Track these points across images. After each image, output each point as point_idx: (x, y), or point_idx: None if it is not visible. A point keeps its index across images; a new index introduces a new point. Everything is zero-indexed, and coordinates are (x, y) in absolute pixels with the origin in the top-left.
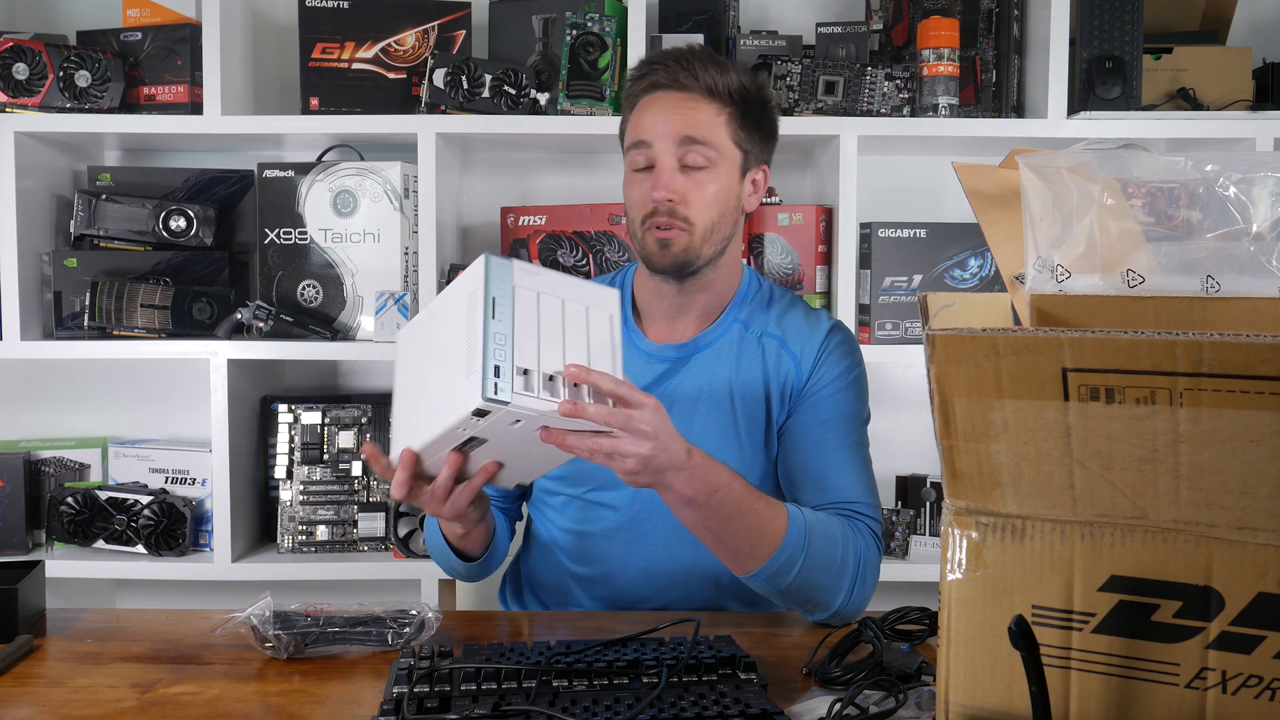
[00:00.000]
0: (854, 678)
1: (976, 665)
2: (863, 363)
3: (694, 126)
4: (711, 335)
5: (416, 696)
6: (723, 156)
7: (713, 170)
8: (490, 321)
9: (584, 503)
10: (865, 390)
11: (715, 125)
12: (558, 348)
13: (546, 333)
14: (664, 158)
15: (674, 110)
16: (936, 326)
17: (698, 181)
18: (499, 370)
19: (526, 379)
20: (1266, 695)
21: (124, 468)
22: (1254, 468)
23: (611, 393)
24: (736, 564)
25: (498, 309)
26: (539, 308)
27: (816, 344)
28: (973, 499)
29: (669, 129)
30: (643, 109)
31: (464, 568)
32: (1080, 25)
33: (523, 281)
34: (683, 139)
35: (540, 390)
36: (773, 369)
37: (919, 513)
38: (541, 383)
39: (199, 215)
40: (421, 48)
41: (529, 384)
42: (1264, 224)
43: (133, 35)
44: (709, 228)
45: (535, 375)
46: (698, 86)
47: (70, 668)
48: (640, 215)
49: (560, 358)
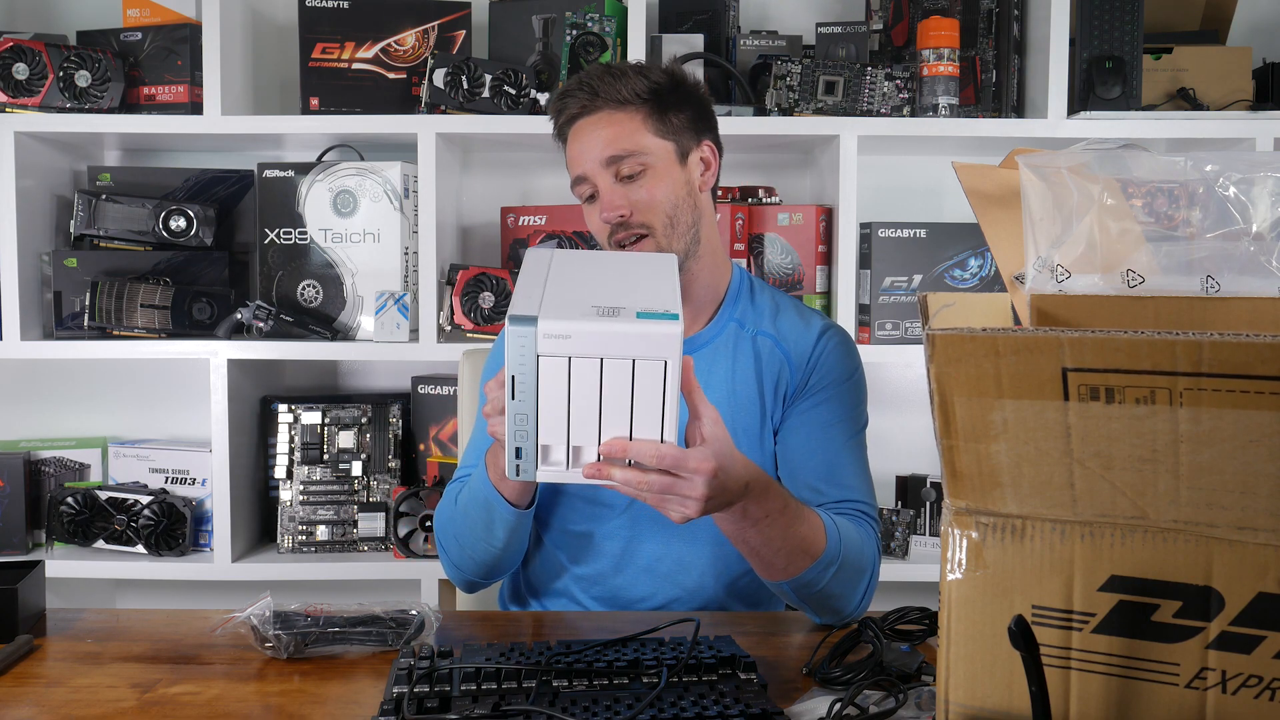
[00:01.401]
0: (854, 678)
1: (976, 665)
2: (860, 365)
3: (614, 142)
4: (709, 334)
5: (416, 696)
6: (653, 155)
7: (649, 171)
8: (510, 402)
9: (584, 502)
10: (864, 392)
11: (633, 131)
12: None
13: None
14: (600, 181)
15: (593, 133)
16: (936, 326)
17: (639, 187)
18: (520, 453)
19: (546, 454)
20: (1266, 695)
21: (124, 468)
22: (1254, 468)
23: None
24: (767, 573)
25: (517, 388)
26: (570, 379)
27: (810, 344)
28: (973, 499)
29: (593, 154)
30: (571, 142)
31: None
32: (1080, 25)
33: (550, 350)
34: (608, 159)
35: (569, 465)
36: (767, 368)
37: (919, 513)
38: (570, 457)
39: (199, 215)
40: (421, 48)
41: (548, 459)
42: (1264, 224)
43: (133, 35)
44: (668, 223)
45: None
46: (604, 102)
47: (70, 668)
48: (605, 239)
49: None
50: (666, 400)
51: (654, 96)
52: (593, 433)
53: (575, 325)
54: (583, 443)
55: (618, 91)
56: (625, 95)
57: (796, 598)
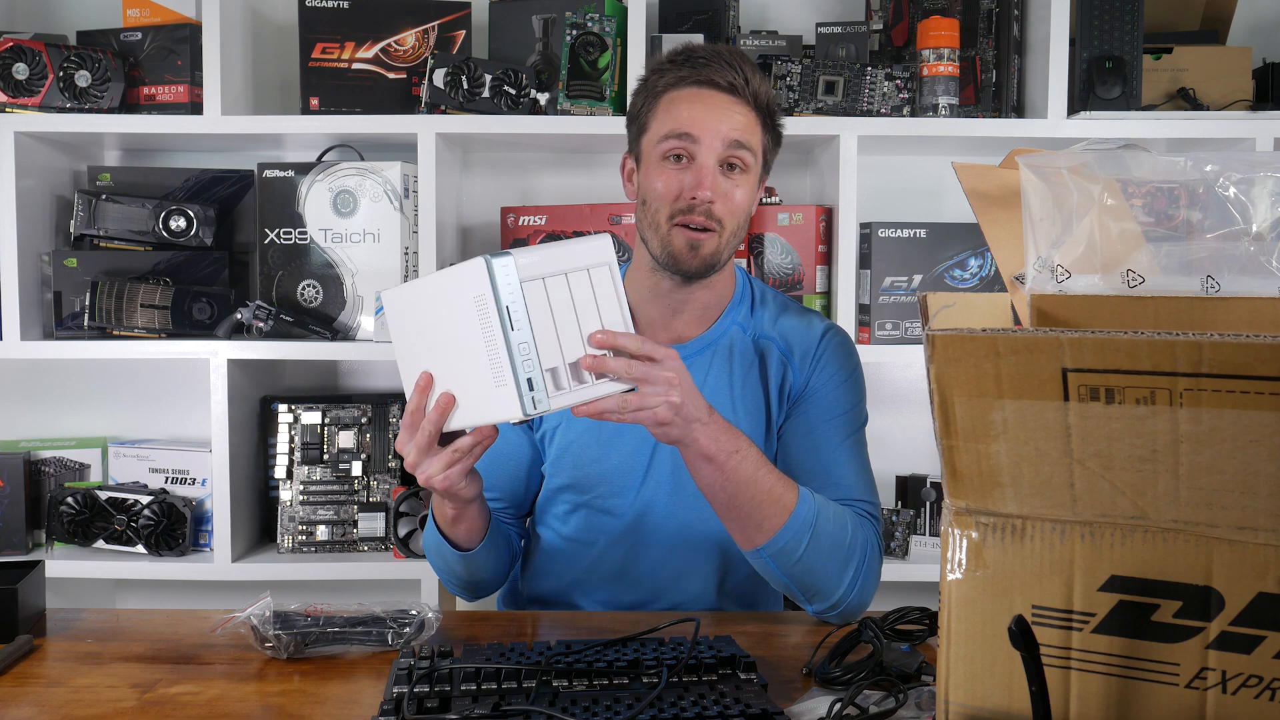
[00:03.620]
0: (854, 678)
1: (976, 665)
2: (860, 365)
3: (745, 131)
4: (711, 336)
5: (416, 696)
6: (755, 165)
7: (747, 176)
8: (511, 334)
9: (590, 510)
10: (863, 391)
11: (756, 133)
12: (575, 331)
13: (562, 320)
14: (707, 154)
15: (724, 110)
16: (936, 326)
17: (735, 184)
18: (532, 383)
19: (555, 378)
20: (1266, 695)
21: (124, 468)
22: (1254, 468)
23: (637, 351)
24: (745, 536)
25: (514, 318)
26: (548, 297)
27: (813, 345)
28: (973, 499)
29: (721, 128)
30: (686, 100)
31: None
32: (1080, 25)
33: (526, 275)
34: (733, 141)
35: (570, 383)
36: (772, 371)
37: (919, 513)
38: (569, 375)
39: (199, 215)
40: (421, 48)
41: (558, 381)
42: (1264, 224)
43: (133, 35)
44: (735, 232)
45: (562, 370)
46: (742, 92)
47: (70, 668)
48: (670, 209)
49: (580, 339)
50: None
51: (770, 111)
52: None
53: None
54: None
55: (760, 89)
56: (762, 98)
57: (783, 576)
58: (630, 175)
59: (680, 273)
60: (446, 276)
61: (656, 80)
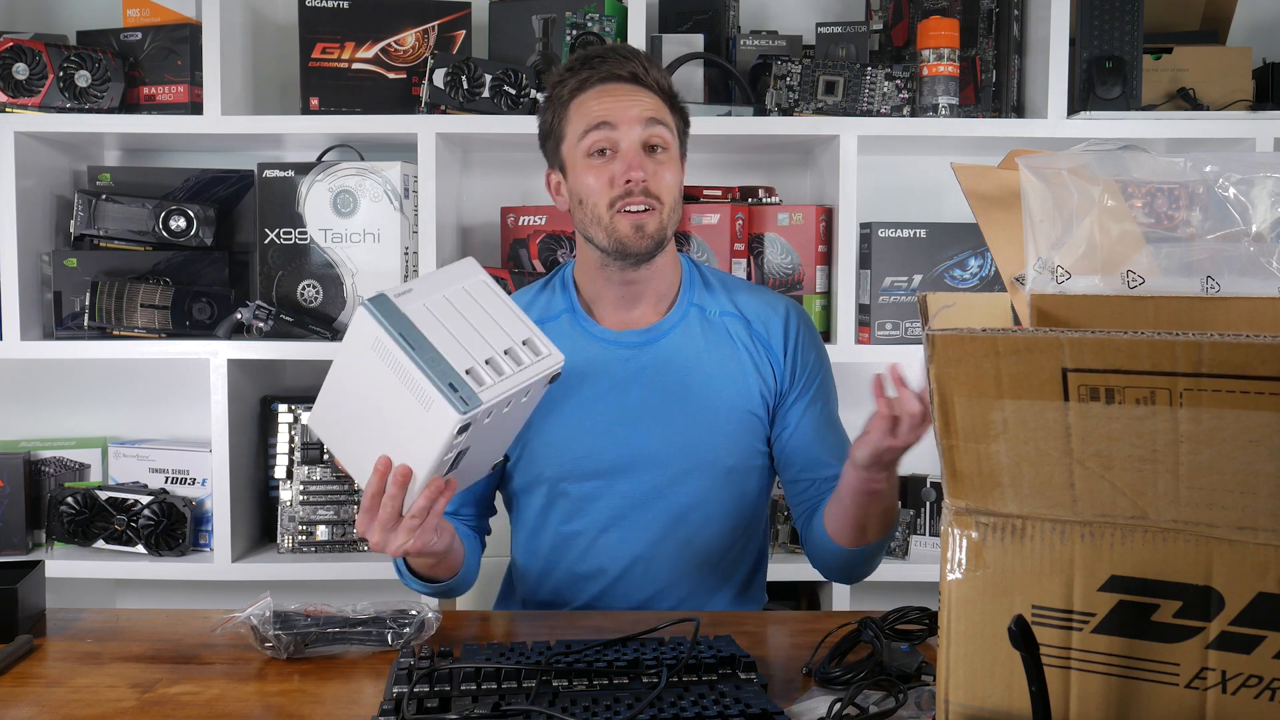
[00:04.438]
0: (854, 678)
1: (976, 665)
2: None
3: (655, 110)
4: (672, 320)
5: (416, 696)
6: (673, 143)
7: (669, 154)
8: (413, 352)
9: (567, 500)
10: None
11: (665, 113)
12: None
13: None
14: (628, 138)
15: (631, 96)
16: (936, 326)
17: (661, 161)
18: (454, 385)
19: (475, 376)
20: (1266, 695)
21: (124, 468)
22: (1254, 468)
23: None
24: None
25: (411, 339)
26: (435, 315)
27: (780, 327)
28: (973, 499)
29: (633, 112)
30: (594, 97)
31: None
32: (1080, 25)
33: (407, 305)
34: (649, 119)
35: (494, 377)
36: (741, 343)
37: (919, 513)
38: (491, 371)
39: (199, 215)
40: (421, 48)
41: (480, 378)
42: (1264, 225)
43: (133, 35)
44: (673, 208)
45: (479, 369)
46: (647, 78)
47: (70, 668)
48: (608, 199)
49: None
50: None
51: (673, 95)
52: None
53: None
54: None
55: (658, 79)
56: (664, 86)
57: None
58: (558, 188)
59: (631, 256)
60: (341, 348)
61: (560, 90)
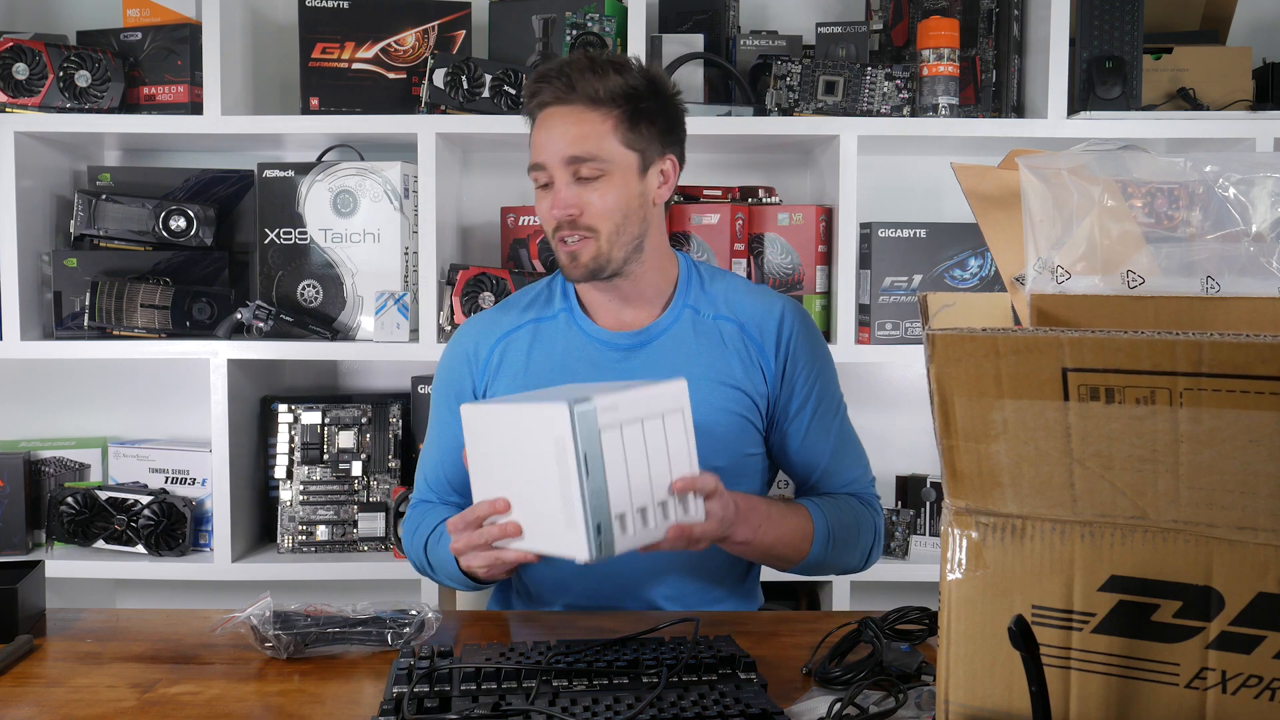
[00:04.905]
0: (854, 678)
1: (976, 665)
2: (821, 337)
3: (580, 142)
4: (665, 322)
5: (416, 696)
6: (614, 163)
7: (607, 178)
8: (586, 480)
9: None
10: (832, 364)
11: (601, 135)
12: (645, 479)
13: (634, 466)
14: (557, 175)
15: (561, 127)
16: (936, 326)
17: (594, 190)
18: (600, 529)
19: (622, 523)
20: (1266, 695)
21: (124, 468)
22: (1254, 468)
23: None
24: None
25: (590, 465)
26: (624, 444)
27: (774, 327)
28: (973, 499)
29: (557, 149)
30: (538, 128)
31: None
32: (1080, 25)
33: (606, 422)
34: (569, 158)
35: (635, 530)
36: (735, 347)
37: (919, 513)
38: (636, 523)
39: (199, 215)
40: (421, 48)
41: (624, 527)
42: (1264, 225)
43: (133, 35)
44: (614, 232)
45: (630, 515)
46: (579, 98)
47: (70, 668)
48: (550, 229)
49: (649, 487)
50: (690, 446)
51: (629, 101)
52: (647, 493)
53: (618, 398)
54: (645, 504)
55: (594, 89)
56: (601, 94)
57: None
58: None
59: (573, 281)
60: (529, 411)
61: (526, 109)
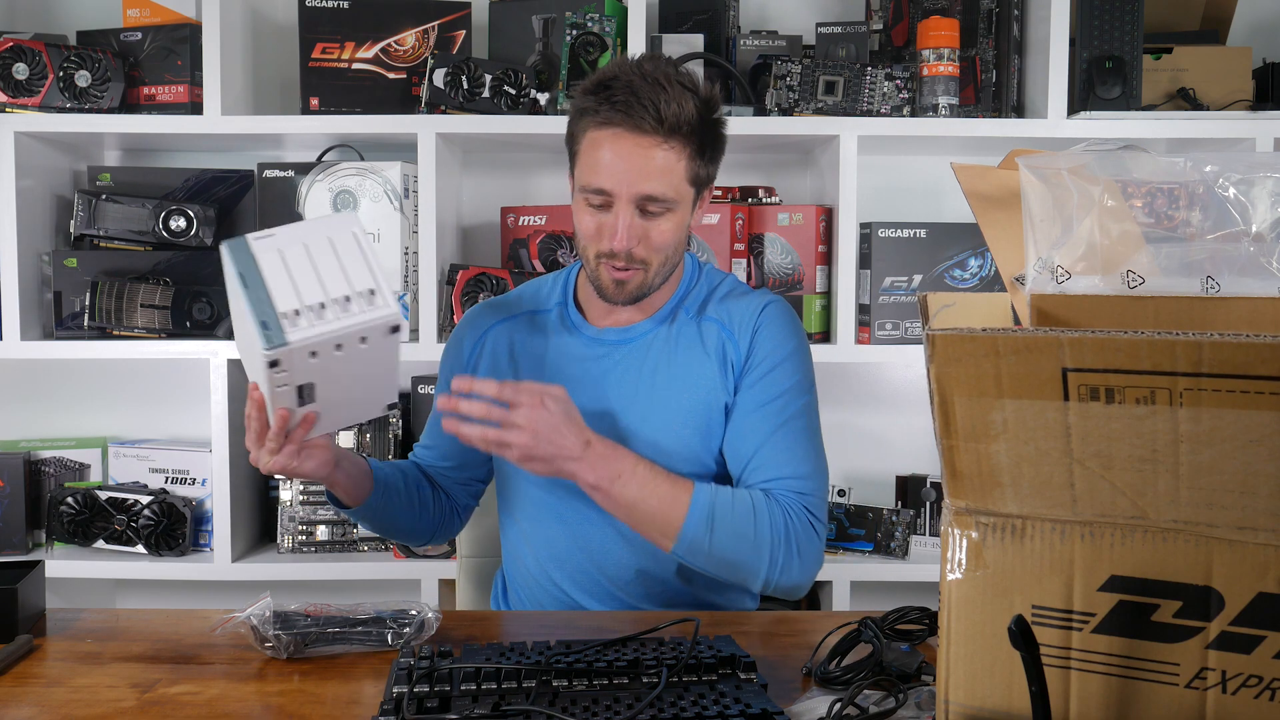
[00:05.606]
0: (854, 678)
1: (976, 665)
2: (802, 338)
3: (654, 181)
4: (650, 324)
5: (416, 696)
6: (680, 202)
7: (669, 215)
8: (245, 291)
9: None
10: (807, 366)
11: (674, 174)
12: (314, 281)
13: (300, 276)
14: (622, 209)
15: (635, 160)
16: (936, 326)
17: (656, 226)
18: (266, 324)
19: (296, 318)
20: (1266, 695)
21: (124, 468)
22: (1254, 468)
23: (495, 395)
24: (656, 543)
25: (248, 280)
26: (285, 261)
27: (751, 320)
28: (973, 499)
29: (629, 182)
30: (599, 147)
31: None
32: (1080, 25)
33: (259, 248)
34: (644, 196)
35: (314, 320)
36: (714, 349)
37: (919, 513)
38: (314, 314)
39: (199, 215)
40: (421, 48)
41: (298, 322)
42: (1264, 225)
43: (133, 35)
44: (663, 263)
45: (304, 311)
46: (660, 129)
47: (70, 668)
48: (595, 249)
49: (320, 288)
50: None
51: (700, 129)
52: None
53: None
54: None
55: (677, 117)
56: (683, 124)
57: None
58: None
59: (608, 301)
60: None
61: (580, 113)
